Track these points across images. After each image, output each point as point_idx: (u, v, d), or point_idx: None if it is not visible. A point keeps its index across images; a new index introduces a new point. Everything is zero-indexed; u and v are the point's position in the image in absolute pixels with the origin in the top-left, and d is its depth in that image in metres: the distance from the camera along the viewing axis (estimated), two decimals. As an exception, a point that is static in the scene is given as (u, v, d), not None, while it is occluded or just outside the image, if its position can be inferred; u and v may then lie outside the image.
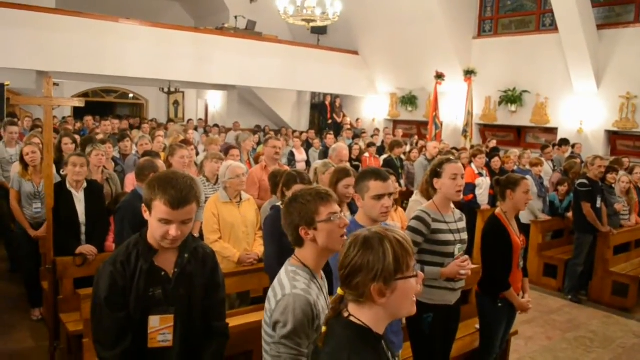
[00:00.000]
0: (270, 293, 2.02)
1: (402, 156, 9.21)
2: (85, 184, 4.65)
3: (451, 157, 3.39)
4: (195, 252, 2.23)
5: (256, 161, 7.14)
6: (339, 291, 1.64)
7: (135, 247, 2.12)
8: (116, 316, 2.03)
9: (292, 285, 1.93)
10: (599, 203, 6.34)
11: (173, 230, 2.01)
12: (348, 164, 5.48)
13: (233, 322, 3.66)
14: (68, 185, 4.57)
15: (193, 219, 2.09)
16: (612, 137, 11.45)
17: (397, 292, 1.54)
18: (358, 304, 1.58)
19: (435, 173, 3.26)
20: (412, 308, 1.59)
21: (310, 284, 1.97)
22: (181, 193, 1.99)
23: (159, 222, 2.02)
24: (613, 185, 6.97)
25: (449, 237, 3.18)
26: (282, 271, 2.04)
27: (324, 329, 1.67)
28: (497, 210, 3.70)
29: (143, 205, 2.08)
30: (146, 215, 2.08)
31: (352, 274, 1.57)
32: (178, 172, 2.17)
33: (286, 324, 1.87)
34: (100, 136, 7.42)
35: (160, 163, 4.54)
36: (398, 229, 1.66)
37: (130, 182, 5.55)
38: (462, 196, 3.36)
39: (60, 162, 5.71)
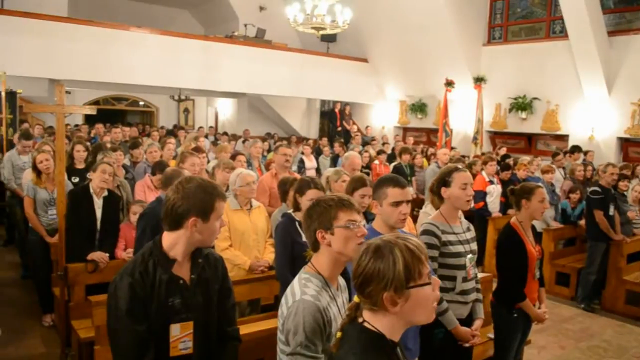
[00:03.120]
0: (282, 300, 2.03)
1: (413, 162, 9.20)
2: (105, 192, 4.73)
3: (459, 166, 3.34)
4: (207, 258, 2.25)
5: (267, 168, 7.15)
6: (355, 298, 1.63)
7: (151, 257, 2.10)
8: (137, 329, 1.99)
9: (302, 292, 1.94)
10: (611, 211, 6.28)
11: (222, 222, 2.17)
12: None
13: (244, 330, 3.64)
14: (92, 191, 4.64)
15: None
16: (624, 144, 11.35)
17: (410, 301, 1.53)
18: (372, 311, 1.58)
19: (444, 182, 3.19)
20: (430, 315, 1.58)
21: (321, 291, 1.96)
22: (218, 185, 2.22)
23: (217, 221, 2.13)
24: (625, 193, 6.90)
25: (460, 248, 3.13)
26: (296, 279, 2.05)
27: (338, 334, 1.66)
28: (513, 220, 3.65)
29: (194, 217, 2.06)
30: (199, 225, 2.08)
31: (365, 282, 1.56)
32: (192, 176, 2.33)
33: (297, 331, 1.87)
34: (109, 144, 7.46)
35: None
36: (412, 236, 1.65)
37: (141, 189, 5.58)
38: (472, 204, 3.31)
39: (71, 169, 5.78)
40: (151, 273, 2.06)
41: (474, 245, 3.28)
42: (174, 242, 2.11)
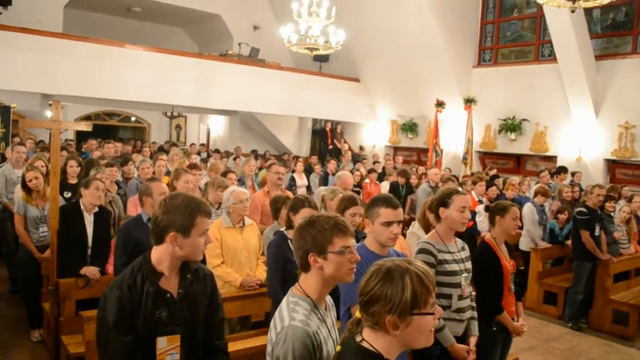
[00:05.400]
0: (271, 324, 2.01)
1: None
2: (96, 208, 4.74)
3: (460, 189, 3.41)
4: (196, 273, 2.31)
5: (262, 186, 7.21)
6: (357, 314, 1.67)
7: (139, 271, 2.17)
8: (124, 340, 2.07)
9: (291, 317, 1.91)
10: (597, 231, 6.39)
11: (208, 238, 2.24)
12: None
13: (234, 346, 3.68)
14: (82, 207, 4.65)
15: None
16: (611, 165, 11.52)
17: (411, 327, 1.57)
18: (373, 330, 1.62)
19: (443, 202, 3.26)
20: (428, 340, 1.62)
21: (310, 315, 1.94)
22: (205, 202, 2.27)
23: (202, 237, 2.19)
24: (612, 214, 7.01)
25: (455, 267, 3.21)
26: (284, 302, 2.02)
27: (338, 348, 1.70)
28: (487, 236, 3.76)
29: (173, 233, 2.13)
30: (179, 240, 2.13)
31: (370, 302, 1.60)
32: (179, 192, 2.40)
33: (286, 358, 1.84)
34: (103, 161, 7.46)
35: (156, 185, 4.46)
36: (421, 263, 1.67)
37: (133, 205, 5.60)
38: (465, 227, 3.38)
39: (63, 184, 5.78)
40: (139, 286, 2.13)
41: (469, 264, 3.35)
42: (160, 256, 2.18)
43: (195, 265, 2.33)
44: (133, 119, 19.44)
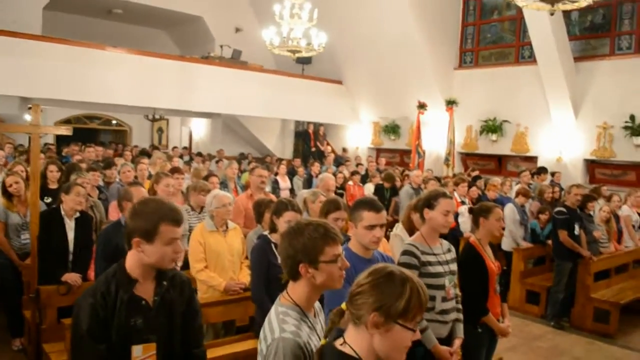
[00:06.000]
0: (261, 335, 1.97)
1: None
2: (77, 213, 4.67)
3: (447, 192, 3.41)
4: (173, 280, 2.26)
5: (245, 189, 7.19)
6: (343, 306, 1.67)
7: (113, 278, 2.14)
8: (97, 348, 2.04)
9: (281, 329, 1.87)
10: (577, 230, 6.47)
11: (179, 247, 2.15)
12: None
13: (219, 351, 3.67)
14: (63, 213, 4.58)
15: None
16: (591, 165, 11.69)
17: (390, 334, 1.57)
18: (354, 327, 1.62)
19: (428, 204, 3.26)
20: (401, 358, 1.61)
21: (300, 324, 1.91)
22: (177, 211, 2.17)
23: (167, 245, 2.10)
24: (591, 214, 7.11)
25: (439, 268, 3.22)
26: (272, 312, 1.99)
27: (323, 341, 1.71)
28: (472, 238, 3.78)
29: (136, 238, 2.09)
30: (142, 246, 2.09)
31: (361, 294, 1.60)
32: (156, 197, 2.36)
33: None
34: (83, 164, 7.37)
35: (136, 190, 4.47)
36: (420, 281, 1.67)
37: (114, 210, 5.55)
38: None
39: (44, 189, 5.69)
40: (113, 293, 2.10)
41: (454, 266, 3.36)
42: (132, 262, 2.15)
43: (172, 272, 2.30)
44: (114, 122, 19.25)
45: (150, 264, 2.14)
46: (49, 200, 5.64)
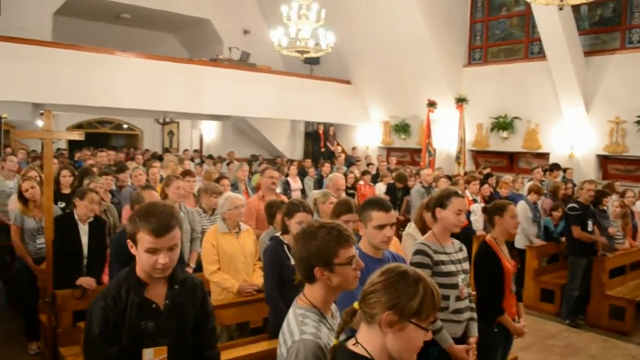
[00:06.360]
0: (280, 338, 1.97)
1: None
2: (91, 218, 4.72)
3: (459, 191, 3.39)
4: (184, 283, 2.25)
5: (255, 191, 7.21)
6: (355, 305, 1.67)
7: (125, 281, 2.14)
8: (109, 352, 2.04)
9: (301, 331, 1.87)
10: (590, 226, 6.41)
11: (162, 258, 2.04)
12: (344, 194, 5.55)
13: (232, 353, 3.67)
14: (76, 217, 4.63)
15: (179, 244, 2.12)
16: (603, 161, 11.59)
17: (403, 333, 1.57)
18: (367, 326, 1.62)
19: (441, 203, 3.25)
20: (412, 358, 1.62)
21: (319, 326, 1.91)
22: (163, 220, 2.03)
23: (146, 253, 2.05)
24: (605, 209, 7.04)
25: (452, 267, 3.20)
26: (291, 315, 1.98)
27: (335, 341, 1.71)
28: (488, 237, 3.75)
29: (128, 240, 2.11)
30: (133, 250, 2.10)
31: (375, 292, 1.61)
32: (156, 202, 2.27)
33: None
34: (95, 168, 7.43)
35: (148, 193, 4.50)
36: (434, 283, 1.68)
37: (127, 214, 5.58)
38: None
39: (57, 194, 5.74)
40: (124, 297, 2.10)
41: (466, 265, 3.34)
42: (138, 266, 2.15)
43: (184, 275, 2.30)
44: (125, 126, 19.39)
45: (141, 269, 2.12)
46: (62, 205, 5.70)
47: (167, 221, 2.05)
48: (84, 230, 4.66)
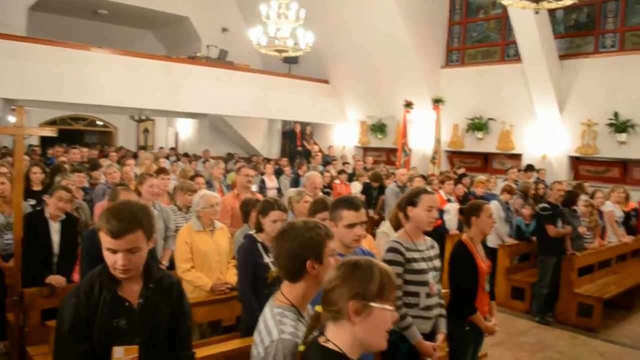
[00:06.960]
0: (256, 337, 1.96)
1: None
2: (63, 215, 4.64)
3: (428, 188, 3.44)
4: (160, 282, 2.22)
5: (231, 189, 7.19)
6: (317, 308, 1.69)
7: (98, 278, 2.11)
8: (80, 348, 2.02)
9: (280, 330, 1.86)
10: (560, 225, 6.55)
11: (120, 260, 2.01)
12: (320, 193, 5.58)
13: (204, 351, 3.66)
14: (47, 215, 4.56)
15: (143, 247, 2.07)
16: (575, 162, 11.80)
17: (371, 317, 1.60)
18: (335, 323, 1.64)
19: (411, 201, 3.29)
20: (383, 342, 1.64)
21: (297, 325, 1.91)
22: (122, 223, 2.00)
23: (106, 252, 2.04)
24: (576, 209, 7.18)
25: (423, 265, 3.24)
26: (268, 313, 1.97)
27: (301, 347, 1.72)
28: (464, 237, 3.80)
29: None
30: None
31: (335, 288, 1.64)
32: (128, 201, 2.26)
33: None
34: (67, 165, 7.33)
35: (125, 193, 4.43)
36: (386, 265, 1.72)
37: (99, 212, 5.52)
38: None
39: (27, 191, 5.66)
40: (96, 293, 2.08)
41: (437, 263, 3.39)
42: None
43: (161, 273, 2.27)
44: (99, 123, 19.13)
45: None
46: (33, 202, 5.61)
47: (127, 224, 2.00)
48: (55, 229, 4.58)
